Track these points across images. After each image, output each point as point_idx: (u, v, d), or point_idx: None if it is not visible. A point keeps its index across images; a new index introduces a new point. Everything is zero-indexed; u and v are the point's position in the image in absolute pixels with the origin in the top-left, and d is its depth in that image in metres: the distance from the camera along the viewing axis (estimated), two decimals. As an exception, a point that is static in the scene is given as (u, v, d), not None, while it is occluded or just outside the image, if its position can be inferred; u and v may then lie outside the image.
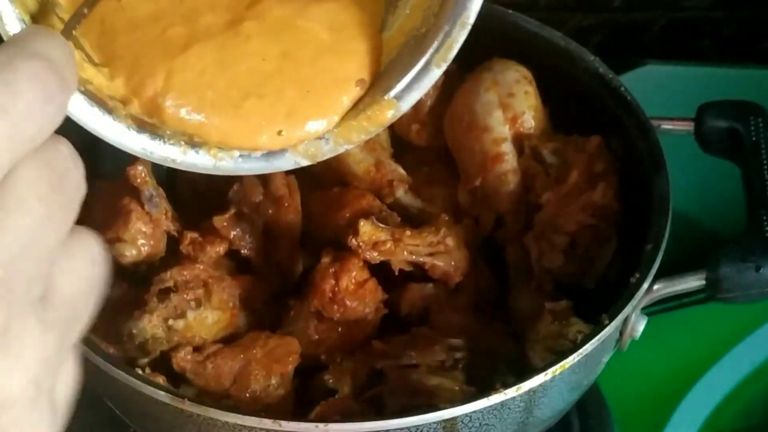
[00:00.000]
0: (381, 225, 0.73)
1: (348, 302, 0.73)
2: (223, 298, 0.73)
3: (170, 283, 0.73)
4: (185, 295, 0.72)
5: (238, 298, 0.75)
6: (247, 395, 0.69)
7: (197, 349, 0.72)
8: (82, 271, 0.38)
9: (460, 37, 0.59)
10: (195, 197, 0.87)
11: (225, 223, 0.79)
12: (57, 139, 0.37)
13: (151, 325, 0.70)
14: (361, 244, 0.72)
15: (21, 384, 0.35)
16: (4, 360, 0.34)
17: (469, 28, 0.59)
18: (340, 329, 0.75)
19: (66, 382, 0.39)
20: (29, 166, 0.35)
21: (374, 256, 0.72)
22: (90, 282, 0.39)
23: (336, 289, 0.73)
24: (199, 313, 0.72)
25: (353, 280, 0.73)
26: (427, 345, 0.72)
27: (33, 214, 0.35)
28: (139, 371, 0.68)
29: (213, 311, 0.73)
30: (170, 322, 0.71)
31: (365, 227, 0.72)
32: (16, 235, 0.34)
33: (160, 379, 0.69)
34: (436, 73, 0.60)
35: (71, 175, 0.37)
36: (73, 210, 0.37)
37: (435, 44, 0.60)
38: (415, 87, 0.60)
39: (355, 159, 0.83)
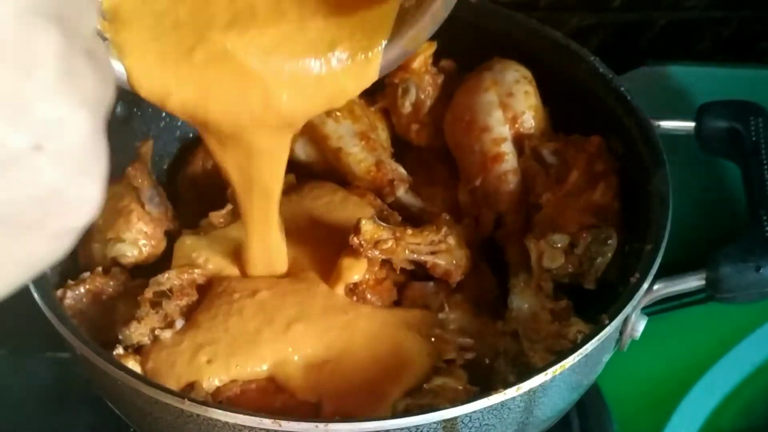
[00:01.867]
0: (382, 224, 0.73)
1: (368, 295, 0.73)
2: None
3: (166, 286, 0.73)
4: (179, 301, 0.72)
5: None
6: None
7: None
8: (106, 52, 0.44)
9: (432, 27, 0.62)
10: (195, 197, 0.87)
11: (221, 219, 0.79)
12: None
13: (137, 333, 0.70)
14: (362, 242, 0.72)
15: (88, 120, 0.40)
16: (73, 93, 0.39)
17: (440, 23, 0.62)
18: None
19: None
20: None
21: (376, 255, 0.72)
22: (110, 65, 0.44)
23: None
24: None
25: (374, 276, 0.73)
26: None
27: None
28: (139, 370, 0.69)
29: None
30: (157, 332, 0.71)
31: (367, 226, 0.72)
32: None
33: (161, 379, 0.69)
34: (407, 53, 0.64)
35: None
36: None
37: (410, 28, 0.63)
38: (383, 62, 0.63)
39: (356, 159, 0.83)
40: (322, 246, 0.77)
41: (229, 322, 0.71)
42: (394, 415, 0.63)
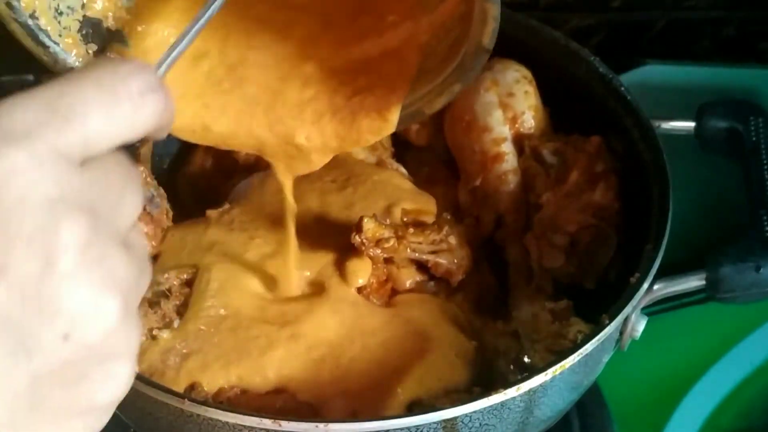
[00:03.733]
0: (384, 222, 0.73)
1: (373, 299, 0.73)
2: None
3: (165, 286, 0.73)
4: (177, 301, 0.72)
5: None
6: None
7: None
8: (145, 244, 0.45)
9: (449, 98, 0.62)
10: (195, 197, 0.87)
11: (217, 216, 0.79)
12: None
13: None
14: (364, 240, 0.72)
15: (117, 307, 0.40)
16: (101, 282, 0.39)
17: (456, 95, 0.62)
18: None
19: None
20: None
21: (377, 253, 0.72)
22: (146, 256, 0.44)
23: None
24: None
25: (377, 279, 0.73)
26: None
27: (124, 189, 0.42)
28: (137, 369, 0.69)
29: None
30: (155, 332, 0.71)
31: (369, 224, 0.72)
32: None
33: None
34: (423, 115, 0.64)
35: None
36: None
37: (429, 96, 0.63)
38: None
39: (357, 158, 0.83)
40: (333, 236, 0.76)
41: (222, 333, 0.70)
42: (394, 415, 0.63)
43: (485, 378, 0.71)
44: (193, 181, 0.88)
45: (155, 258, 0.78)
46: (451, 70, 0.62)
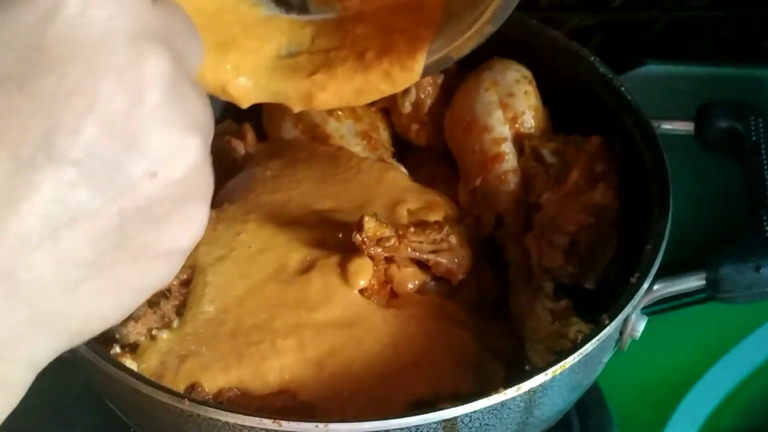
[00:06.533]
0: (385, 221, 0.73)
1: (374, 300, 0.73)
2: None
3: (165, 286, 0.73)
4: (176, 302, 0.72)
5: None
6: None
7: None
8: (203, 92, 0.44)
9: (479, 41, 0.61)
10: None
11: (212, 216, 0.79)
12: None
13: (135, 332, 0.70)
14: (365, 239, 0.72)
15: (199, 147, 0.40)
16: (184, 121, 0.40)
17: (487, 37, 0.60)
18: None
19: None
20: None
21: (378, 252, 0.72)
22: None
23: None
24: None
25: (378, 280, 0.73)
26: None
27: None
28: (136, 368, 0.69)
29: None
30: (154, 332, 0.71)
31: (369, 223, 0.72)
32: None
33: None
34: (451, 60, 0.62)
35: None
36: None
37: (455, 39, 0.62)
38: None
39: (360, 157, 0.83)
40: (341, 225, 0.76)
41: (221, 337, 0.70)
42: (394, 415, 0.63)
43: (485, 378, 0.71)
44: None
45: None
46: (479, 13, 0.59)
